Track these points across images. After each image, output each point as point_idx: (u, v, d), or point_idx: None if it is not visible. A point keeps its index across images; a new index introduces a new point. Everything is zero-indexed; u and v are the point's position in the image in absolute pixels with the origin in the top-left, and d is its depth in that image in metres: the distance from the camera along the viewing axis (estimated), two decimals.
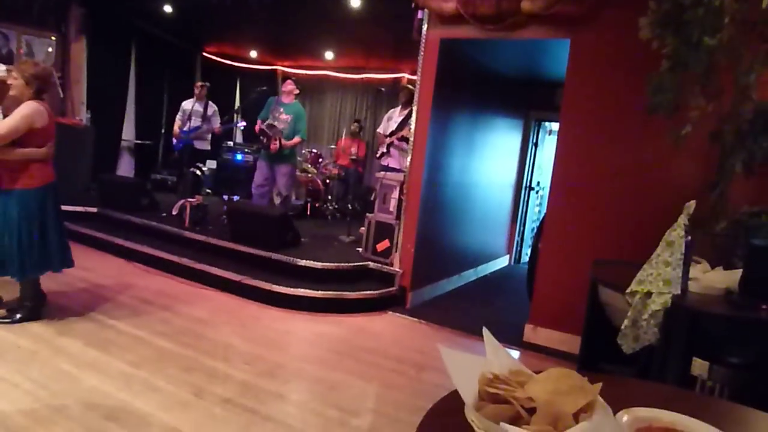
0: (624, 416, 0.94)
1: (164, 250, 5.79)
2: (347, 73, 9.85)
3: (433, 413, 0.90)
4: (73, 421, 2.82)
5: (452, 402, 0.86)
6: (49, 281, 4.32)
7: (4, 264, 3.81)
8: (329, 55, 9.13)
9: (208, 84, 7.43)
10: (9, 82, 3.77)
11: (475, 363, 0.88)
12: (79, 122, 7.81)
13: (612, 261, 3.20)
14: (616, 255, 3.51)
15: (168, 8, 7.77)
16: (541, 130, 7.77)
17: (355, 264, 5.50)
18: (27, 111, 3.70)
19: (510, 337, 4.67)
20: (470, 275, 6.64)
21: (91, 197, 7.11)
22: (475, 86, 5.98)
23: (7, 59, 7.70)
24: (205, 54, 10.06)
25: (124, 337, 3.97)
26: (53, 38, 8.09)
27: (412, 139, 5.25)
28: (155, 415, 2.96)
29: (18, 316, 3.98)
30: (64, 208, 4.16)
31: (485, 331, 0.97)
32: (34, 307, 4.07)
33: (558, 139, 4.66)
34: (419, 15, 5.15)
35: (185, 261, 5.54)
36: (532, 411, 0.79)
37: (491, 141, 6.66)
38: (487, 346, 0.96)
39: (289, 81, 6.56)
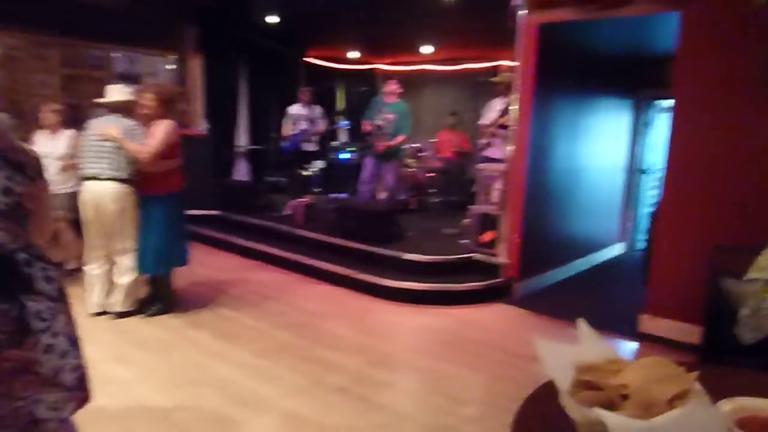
0: (726, 405, 0.93)
1: (279, 247, 6.16)
2: (445, 65, 9.86)
3: (530, 400, 0.94)
4: (207, 405, 3.13)
5: (549, 390, 0.90)
6: (178, 278, 4.77)
7: (153, 263, 4.32)
8: (426, 49, 9.18)
9: (312, 88, 7.76)
10: (143, 102, 4.24)
11: (570, 352, 0.91)
12: (200, 133, 8.46)
13: (732, 246, 3.00)
14: (736, 240, 3.28)
15: (273, 18, 8.18)
16: (652, 109, 7.33)
17: (460, 256, 5.53)
18: (168, 128, 4.20)
19: (625, 327, 4.49)
20: (581, 264, 6.43)
21: (212, 201, 7.67)
22: (579, 68, 5.77)
23: (135, 80, 8.51)
24: (308, 59, 10.48)
25: (247, 329, 4.30)
26: (173, 57, 8.82)
27: (512, 126, 5.19)
28: (278, 401, 3.20)
29: (154, 308, 4.46)
30: (190, 212, 4.60)
31: (581, 322, 0.99)
32: (168, 300, 4.55)
33: (670, 118, 4.40)
34: (515, 1, 5.07)
35: (298, 257, 5.87)
36: (625, 398, 0.81)
37: (599, 123, 6.39)
38: (583, 336, 0.98)
39: (391, 81, 6.71)
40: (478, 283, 5.22)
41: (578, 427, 0.80)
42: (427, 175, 8.25)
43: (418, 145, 8.55)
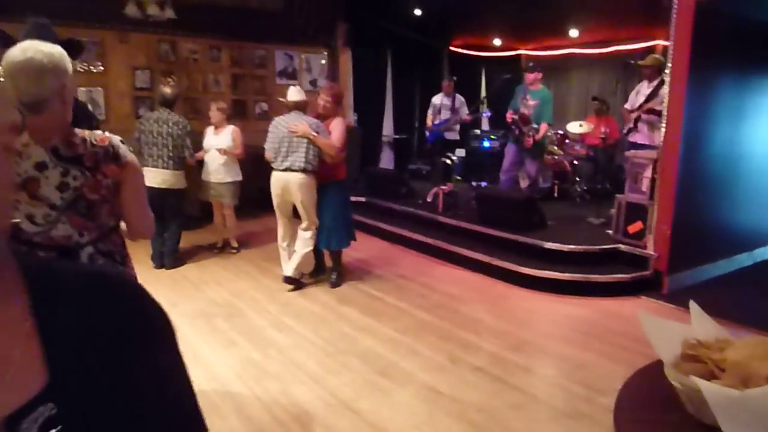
0: None
1: (421, 233, 6.42)
2: (593, 48, 9.43)
3: (639, 372, 1.03)
4: (354, 373, 3.45)
5: (656, 365, 0.98)
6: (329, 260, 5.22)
7: (330, 239, 4.96)
8: (573, 32, 8.87)
9: (455, 78, 7.90)
10: (321, 102, 4.84)
11: (679, 330, 0.99)
12: (350, 124, 9.00)
13: None
14: None
15: (418, 11, 8.41)
16: None
17: (605, 246, 5.38)
18: (344, 125, 4.83)
19: None
20: (743, 260, 5.91)
21: (360, 187, 8.15)
22: (745, 45, 5.28)
23: (292, 76, 9.26)
24: (451, 48, 10.60)
25: (390, 307, 4.60)
26: (325, 53, 9.44)
27: (664, 112, 4.93)
28: (417, 375, 3.44)
29: (333, 278, 5.12)
30: None
31: (692, 303, 1.05)
32: (341, 273, 5.18)
33: None
34: None
35: (439, 243, 6.08)
36: (725, 371, 0.88)
37: None
38: (693, 316, 1.04)
39: (529, 74, 6.67)
40: (623, 275, 5.06)
41: (679, 395, 0.88)
42: (572, 162, 8.02)
43: (562, 132, 8.32)
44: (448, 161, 7.78)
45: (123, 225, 1.97)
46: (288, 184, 4.72)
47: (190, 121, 7.86)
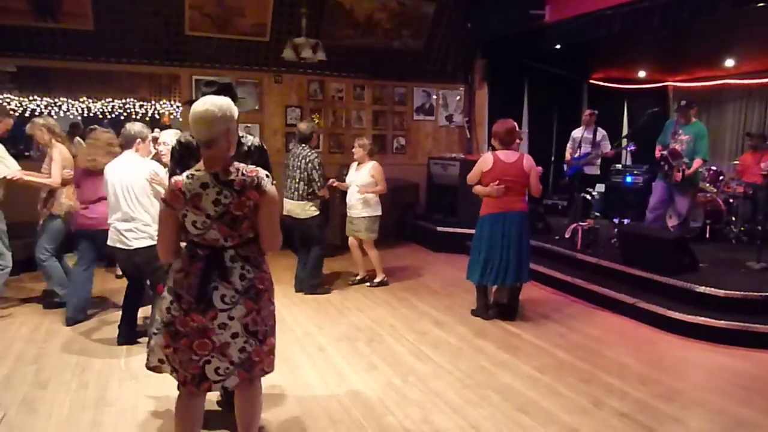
0: None
1: (558, 270, 6.27)
2: (752, 78, 8.72)
3: None
4: (493, 407, 3.46)
5: None
6: (465, 290, 5.25)
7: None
8: (729, 62, 8.28)
9: (596, 111, 7.67)
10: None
11: None
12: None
13: None
14: None
15: (558, 45, 8.31)
16: None
17: None
18: (480, 160, 5.04)
19: None
20: None
21: None
22: None
23: (429, 112, 9.55)
24: (591, 81, 10.32)
25: (528, 345, 4.54)
26: (461, 89, 9.64)
27: None
28: (559, 416, 3.37)
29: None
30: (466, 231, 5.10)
31: None
32: (513, 309, 5.20)
33: None
34: None
35: (578, 281, 5.90)
36: None
37: None
38: None
39: (680, 116, 6.37)
40: None
41: None
42: (728, 200, 7.42)
43: (716, 168, 7.75)
44: (588, 196, 7.54)
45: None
46: None
47: (334, 155, 8.48)
